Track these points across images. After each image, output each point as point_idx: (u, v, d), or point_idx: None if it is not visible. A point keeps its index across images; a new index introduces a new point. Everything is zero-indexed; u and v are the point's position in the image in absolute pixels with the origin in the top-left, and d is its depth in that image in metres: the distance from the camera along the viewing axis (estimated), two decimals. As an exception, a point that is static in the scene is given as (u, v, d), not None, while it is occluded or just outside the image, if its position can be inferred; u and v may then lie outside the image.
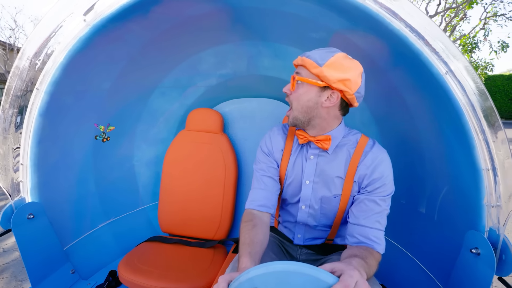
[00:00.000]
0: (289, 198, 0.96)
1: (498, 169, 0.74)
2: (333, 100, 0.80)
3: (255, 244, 0.75)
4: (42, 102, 0.98)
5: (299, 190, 0.92)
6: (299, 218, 0.95)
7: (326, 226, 0.95)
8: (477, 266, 0.78)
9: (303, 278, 0.50)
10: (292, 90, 0.83)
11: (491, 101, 0.72)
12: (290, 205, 0.99)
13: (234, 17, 1.10)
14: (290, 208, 0.99)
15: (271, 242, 0.99)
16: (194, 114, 1.58)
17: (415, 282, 1.08)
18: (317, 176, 0.89)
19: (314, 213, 0.92)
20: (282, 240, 1.05)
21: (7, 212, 0.97)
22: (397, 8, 0.78)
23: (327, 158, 0.88)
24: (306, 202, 0.92)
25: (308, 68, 0.79)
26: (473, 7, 8.01)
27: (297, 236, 1.01)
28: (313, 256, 1.02)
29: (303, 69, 0.81)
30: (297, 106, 0.83)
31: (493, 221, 0.77)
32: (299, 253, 1.03)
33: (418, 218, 1.09)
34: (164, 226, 1.54)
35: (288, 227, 1.04)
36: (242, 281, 0.53)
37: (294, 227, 1.01)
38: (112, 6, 0.89)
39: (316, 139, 0.85)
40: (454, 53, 0.75)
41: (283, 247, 1.04)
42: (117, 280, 1.24)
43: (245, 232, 0.79)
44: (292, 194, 0.94)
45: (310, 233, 1.00)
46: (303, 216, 0.95)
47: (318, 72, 0.77)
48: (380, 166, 0.83)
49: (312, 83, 0.79)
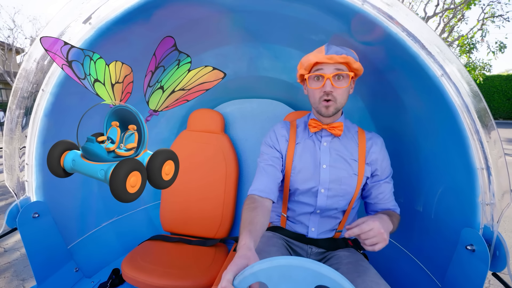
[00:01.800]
0: (301, 185, 1.00)
1: (492, 168, 0.77)
2: (353, 86, 0.98)
3: (255, 224, 0.78)
4: (47, 103, 1.00)
5: (311, 176, 0.99)
6: (319, 203, 0.99)
7: (342, 211, 1.02)
8: (472, 262, 0.81)
9: (306, 273, 0.52)
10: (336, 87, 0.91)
11: (485, 103, 0.74)
12: (303, 195, 1.01)
13: (235, 20, 1.12)
14: (304, 197, 1.01)
15: (278, 244, 0.98)
16: (195, 114, 1.60)
17: (412, 278, 1.11)
18: (333, 160, 0.99)
19: (333, 195, 0.98)
20: (291, 240, 1.04)
21: (13, 211, 0.98)
22: (394, 13, 0.81)
23: (339, 144, 1.00)
24: (325, 186, 0.98)
25: (350, 64, 0.90)
26: (471, 8, 8.06)
27: (311, 229, 1.03)
28: (322, 255, 1.03)
29: (342, 66, 0.91)
30: (341, 100, 0.94)
31: (487, 219, 0.80)
32: (309, 252, 1.03)
33: (416, 217, 1.12)
34: (165, 225, 1.56)
35: (301, 221, 1.04)
36: (246, 275, 0.55)
37: (308, 219, 1.03)
38: (117, 9, 0.91)
39: (330, 126, 0.98)
40: (449, 56, 0.77)
41: (291, 248, 1.03)
42: (120, 278, 1.26)
43: (246, 213, 0.83)
44: (303, 181, 0.99)
45: (324, 224, 1.03)
46: (322, 200, 0.99)
47: (357, 66, 0.91)
48: (384, 150, 1.01)
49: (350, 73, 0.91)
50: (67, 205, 1.22)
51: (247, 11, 1.06)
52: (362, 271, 0.81)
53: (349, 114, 1.46)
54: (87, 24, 0.92)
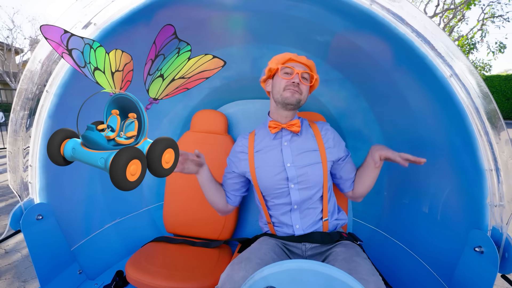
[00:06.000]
0: (271, 189, 1.07)
1: (501, 170, 0.76)
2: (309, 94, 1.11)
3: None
4: (51, 104, 0.99)
5: (278, 177, 1.06)
6: (293, 198, 1.05)
7: (319, 199, 1.07)
8: (481, 264, 0.80)
9: (316, 276, 0.52)
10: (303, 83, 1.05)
11: (495, 104, 0.74)
12: (277, 197, 1.07)
13: (240, 21, 1.12)
14: (278, 199, 1.07)
15: (272, 244, 1.01)
16: (199, 115, 1.59)
17: (419, 281, 1.10)
18: (295, 156, 1.06)
19: (304, 187, 1.05)
20: (285, 241, 1.07)
21: (17, 213, 0.98)
22: (401, 12, 0.80)
23: (297, 140, 1.09)
24: (294, 180, 1.05)
25: (313, 70, 1.08)
26: (471, 9, 8.08)
27: (296, 227, 1.06)
28: (318, 249, 1.04)
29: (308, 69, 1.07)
30: (305, 94, 1.06)
31: (496, 220, 0.79)
32: (304, 250, 1.05)
33: (422, 218, 1.11)
34: (169, 227, 1.55)
35: (284, 222, 1.08)
36: (256, 279, 0.55)
37: (290, 218, 1.07)
38: (122, 10, 0.91)
39: (288, 124, 1.07)
40: (458, 55, 0.77)
41: (286, 248, 1.06)
42: (124, 280, 1.25)
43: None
44: (271, 184, 1.07)
45: (306, 218, 1.06)
46: (295, 194, 1.05)
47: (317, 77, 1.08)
48: (336, 133, 1.13)
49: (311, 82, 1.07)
50: (70, 207, 1.22)
51: (252, 12, 1.06)
52: (354, 268, 0.81)
53: (352, 115, 1.46)
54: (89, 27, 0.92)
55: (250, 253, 0.90)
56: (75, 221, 1.25)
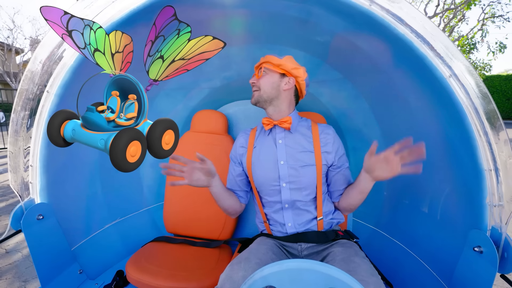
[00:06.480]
0: (264, 185, 1.09)
1: (500, 170, 0.76)
2: (290, 84, 1.07)
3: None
4: (52, 105, 1.00)
5: (271, 174, 1.07)
6: (283, 197, 1.05)
7: (311, 200, 1.06)
8: (480, 264, 0.81)
9: (316, 276, 0.52)
10: (258, 78, 1.07)
11: (494, 104, 0.74)
12: (269, 194, 1.08)
13: (240, 21, 1.12)
14: (270, 196, 1.08)
15: (271, 244, 1.02)
16: (199, 115, 1.59)
17: (419, 280, 1.10)
18: (289, 155, 1.06)
19: (295, 187, 1.05)
20: (282, 242, 1.08)
21: (17, 213, 0.98)
22: (400, 12, 0.81)
23: (292, 139, 1.08)
24: (285, 179, 1.05)
25: (271, 61, 1.05)
26: (471, 9, 8.08)
27: (288, 225, 1.06)
28: (314, 249, 1.04)
29: (267, 64, 1.06)
30: (264, 88, 1.06)
31: (495, 220, 0.80)
32: (299, 250, 1.05)
33: (422, 218, 1.12)
34: (169, 227, 1.55)
35: (277, 220, 1.08)
36: (256, 278, 0.55)
37: (282, 216, 1.07)
38: (122, 11, 0.91)
39: (279, 121, 1.07)
40: (457, 56, 0.77)
41: (283, 248, 1.07)
42: (125, 280, 1.25)
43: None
44: (265, 180, 1.08)
45: (298, 217, 1.06)
46: (286, 194, 1.05)
47: (279, 62, 1.04)
48: (338, 139, 1.09)
49: (276, 70, 1.05)
50: (71, 206, 1.22)
51: (252, 12, 1.06)
52: (353, 269, 0.81)
53: (351, 115, 1.46)
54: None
55: (249, 253, 0.90)
56: (75, 221, 1.25)
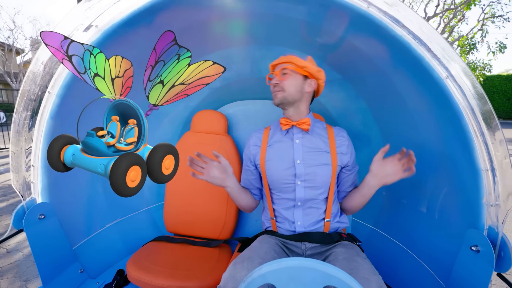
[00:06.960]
0: (278, 182, 1.10)
1: (497, 169, 0.77)
2: (312, 87, 1.09)
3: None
4: (53, 105, 1.01)
5: (286, 172, 1.08)
6: (298, 195, 1.07)
7: (323, 200, 1.09)
8: (477, 263, 0.81)
9: (314, 274, 0.53)
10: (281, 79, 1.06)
11: (490, 105, 0.75)
12: (282, 191, 1.09)
13: (240, 22, 1.13)
14: (284, 193, 1.09)
15: (273, 243, 1.03)
16: (199, 115, 1.60)
17: (417, 279, 1.11)
18: (306, 154, 1.08)
19: (310, 186, 1.07)
20: (285, 240, 1.09)
21: (19, 212, 0.99)
22: (398, 15, 0.81)
23: (309, 139, 1.10)
24: (301, 178, 1.07)
25: (295, 62, 1.04)
26: (471, 9, 8.07)
27: (297, 223, 1.07)
28: (318, 249, 1.05)
29: (290, 64, 1.05)
30: (289, 90, 1.05)
31: (492, 220, 0.81)
32: (304, 249, 1.06)
33: (419, 217, 1.12)
34: (169, 226, 1.56)
35: (286, 218, 1.09)
36: (255, 277, 0.56)
37: (292, 214, 1.08)
38: (123, 12, 0.92)
39: (298, 122, 1.09)
40: (454, 57, 0.78)
41: (286, 247, 1.07)
42: (125, 279, 1.26)
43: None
44: (280, 177, 1.09)
45: (308, 216, 1.07)
46: (300, 191, 1.07)
47: (304, 64, 1.03)
48: (350, 142, 1.13)
49: (300, 71, 1.05)
50: (72, 206, 1.23)
51: (252, 13, 1.07)
52: (355, 267, 0.82)
53: (351, 116, 1.47)
54: (91, 29, 0.93)
55: (251, 252, 0.91)
56: (76, 220, 1.26)
